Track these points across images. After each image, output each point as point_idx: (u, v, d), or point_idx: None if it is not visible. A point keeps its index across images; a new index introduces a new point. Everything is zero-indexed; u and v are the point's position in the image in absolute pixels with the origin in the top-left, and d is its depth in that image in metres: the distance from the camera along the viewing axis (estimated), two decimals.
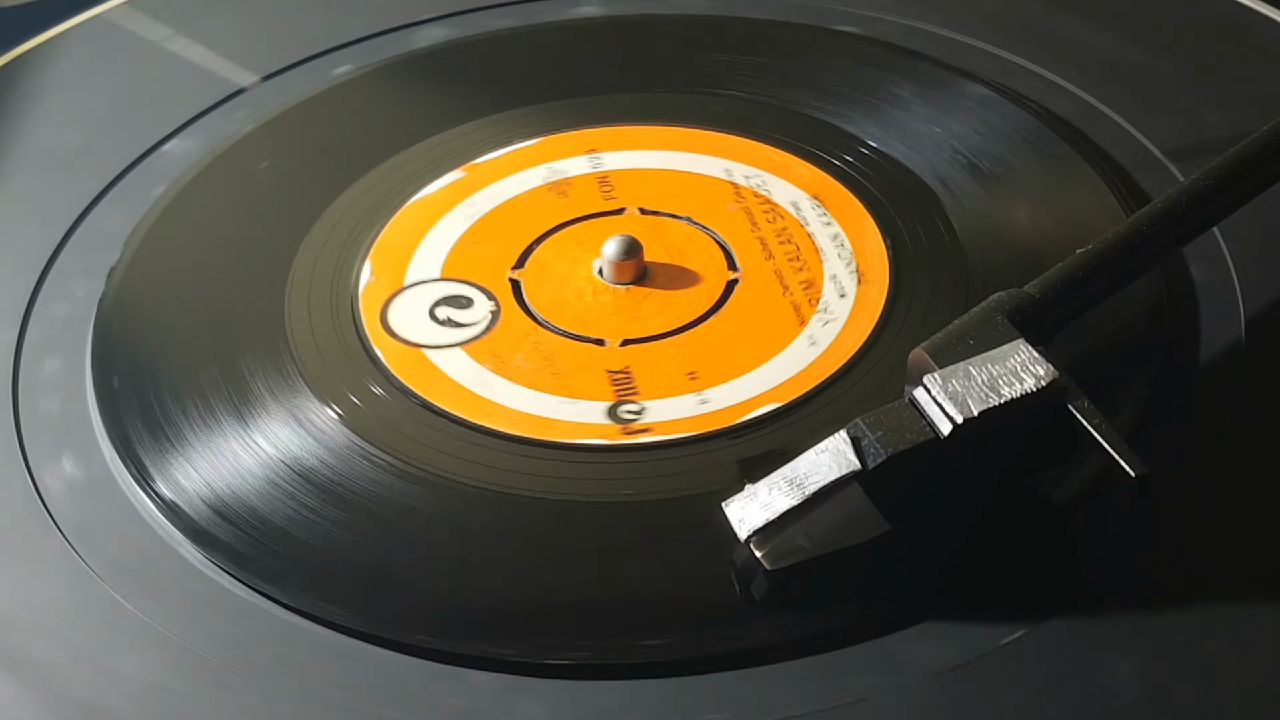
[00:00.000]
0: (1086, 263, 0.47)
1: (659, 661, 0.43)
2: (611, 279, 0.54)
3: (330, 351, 0.51)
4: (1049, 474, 0.45)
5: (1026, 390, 0.42)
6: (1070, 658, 0.42)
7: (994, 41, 0.63)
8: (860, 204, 0.56)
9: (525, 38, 0.65)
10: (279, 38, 0.66)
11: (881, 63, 0.62)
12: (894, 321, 0.51)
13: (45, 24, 0.67)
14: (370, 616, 0.44)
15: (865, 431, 0.43)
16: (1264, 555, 0.44)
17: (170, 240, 0.56)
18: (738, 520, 0.43)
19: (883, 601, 0.43)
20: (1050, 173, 0.56)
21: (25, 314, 0.54)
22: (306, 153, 0.60)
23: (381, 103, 0.62)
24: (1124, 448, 0.42)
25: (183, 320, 0.53)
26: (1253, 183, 0.50)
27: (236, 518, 0.46)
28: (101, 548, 0.46)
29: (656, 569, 0.45)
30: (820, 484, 0.42)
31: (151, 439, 0.49)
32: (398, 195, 0.57)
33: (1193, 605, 0.43)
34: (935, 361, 0.43)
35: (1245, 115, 0.55)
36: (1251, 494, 0.46)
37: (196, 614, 0.44)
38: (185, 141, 0.61)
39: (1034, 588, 0.44)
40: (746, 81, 0.61)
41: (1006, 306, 0.45)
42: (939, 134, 0.58)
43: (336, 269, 0.55)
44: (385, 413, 0.49)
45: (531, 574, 0.45)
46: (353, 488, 0.47)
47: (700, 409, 0.49)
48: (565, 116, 0.60)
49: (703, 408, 0.49)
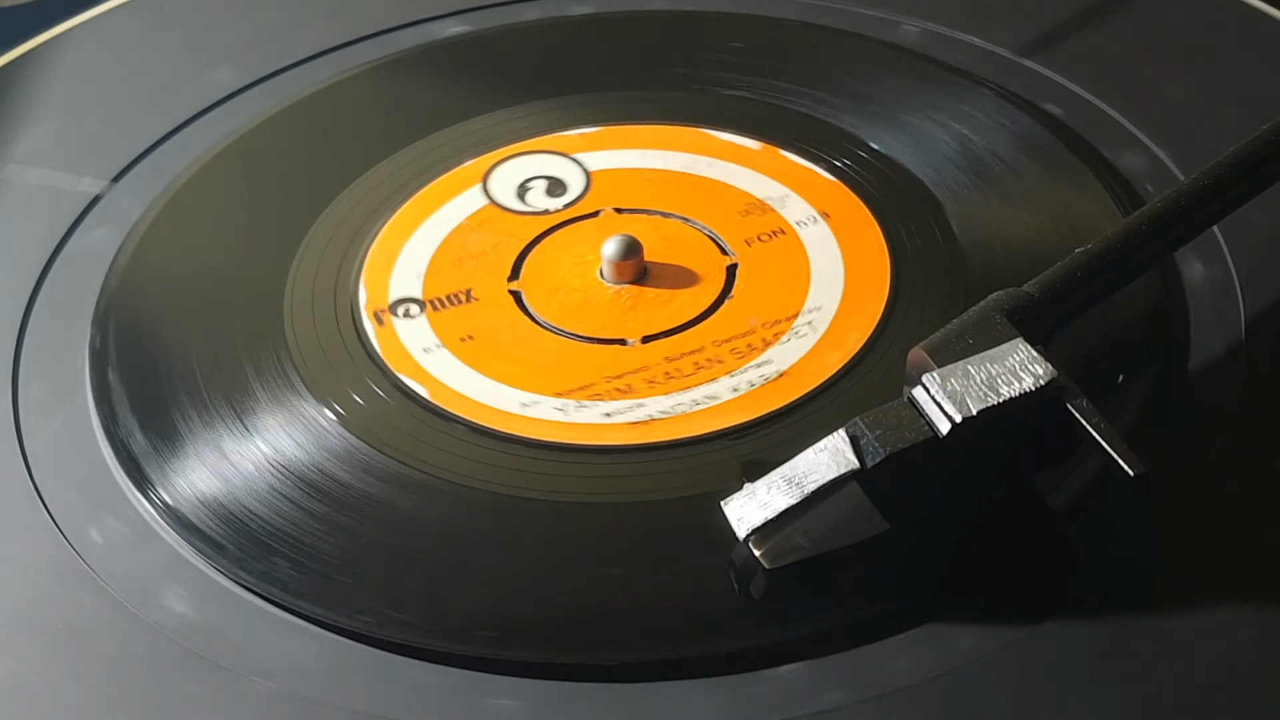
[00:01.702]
0: (1085, 262, 0.47)
1: (658, 662, 0.43)
2: (612, 279, 0.53)
3: (331, 351, 0.51)
4: (1048, 474, 0.45)
5: (1025, 389, 0.42)
6: (1070, 659, 0.42)
7: (994, 41, 0.63)
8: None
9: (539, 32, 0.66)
10: (279, 37, 0.66)
11: (881, 63, 0.62)
12: (894, 321, 0.51)
13: (45, 24, 0.67)
14: (371, 617, 0.44)
15: (864, 430, 0.42)
16: (1264, 555, 0.44)
17: (170, 239, 0.56)
18: (736, 519, 0.43)
19: (882, 601, 0.43)
20: (1050, 173, 0.56)
21: (25, 313, 0.54)
22: (307, 152, 0.60)
23: (383, 99, 0.62)
24: (1123, 447, 0.42)
25: (182, 319, 0.53)
26: (1253, 183, 0.50)
27: (235, 518, 0.46)
28: (100, 548, 0.46)
29: (656, 569, 0.45)
30: (819, 483, 0.42)
31: (149, 439, 0.49)
32: (396, 196, 0.57)
33: (1192, 605, 0.43)
34: (934, 360, 0.43)
35: (1245, 115, 0.55)
36: (1251, 494, 0.46)
37: (195, 614, 0.44)
38: (185, 141, 0.61)
39: (1033, 588, 0.44)
40: (745, 81, 0.61)
41: (1005, 306, 0.45)
42: (939, 134, 0.58)
43: (337, 269, 0.55)
44: (385, 413, 0.49)
45: (531, 575, 0.45)
46: (352, 488, 0.47)
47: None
48: (545, 117, 0.61)
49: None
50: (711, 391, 0.50)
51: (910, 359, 0.44)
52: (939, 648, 0.42)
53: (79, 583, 0.45)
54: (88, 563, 0.46)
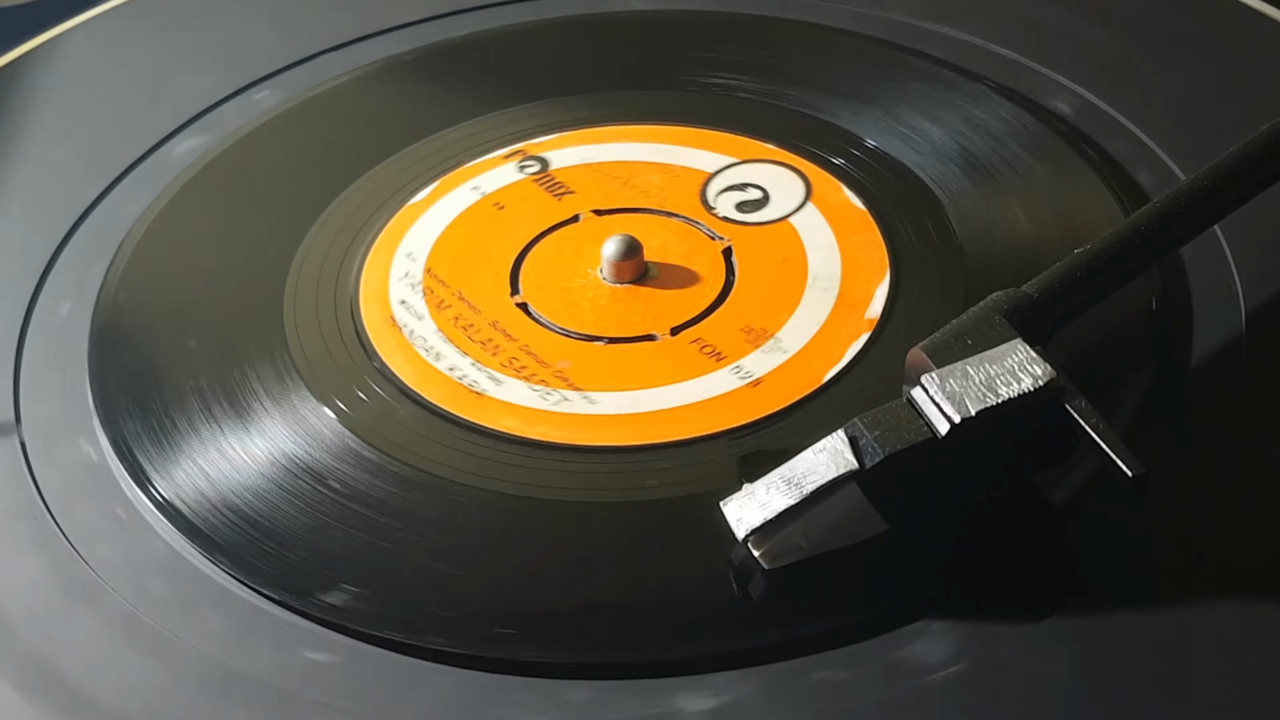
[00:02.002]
0: (1085, 262, 0.47)
1: (656, 662, 0.43)
2: (612, 279, 0.53)
3: (333, 350, 0.52)
4: (1048, 474, 0.45)
5: (1024, 390, 0.42)
6: (1069, 658, 0.42)
7: (994, 39, 0.63)
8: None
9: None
10: (279, 37, 0.66)
11: (880, 60, 0.62)
12: (894, 321, 0.51)
13: (45, 24, 0.67)
14: (371, 619, 0.44)
15: (863, 431, 0.43)
16: (1264, 554, 0.44)
17: (170, 240, 0.56)
18: (735, 519, 0.43)
19: (881, 601, 0.43)
20: (1050, 172, 0.56)
21: (26, 313, 0.54)
22: (306, 152, 0.60)
23: (384, 101, 0.62)
24: (1121, 447, 0.42)
25: (182, 319, 0.53)
26: (1253, 182, 0.50)
27: (234, 518, 0.46)
28: (100, 548, 0.46)
29: (655, 570, 0.45)
30: (818, 483, 0.42)
31: (149, 439, 0.49)
32: (395, 196, 0.57)
33: (1192, 605, 0.43)
34: (933, 361, 0.43)
35: (1245, 115, 0.55)
36: (1251, 493, 0.46)
37: (194, 614, 0.44)
38: (185, 141, 0.61)
39: (1033, 588, 0.44)
40: (743, 79, 0.61)
41: (1004, 306, 0.45)
42: (938, 133, 0.58)
43: (337, 268, 0.55)
44: (384, 413, 0.49)
45: (530, 575, 0.45)
46: (352, 488, 0.47)
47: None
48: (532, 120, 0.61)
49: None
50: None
51: (909, 359, 0.44)
52: (937, 648, 0.42)
53: (78, 582, 0.45)
54: (88, 562, 0.46)
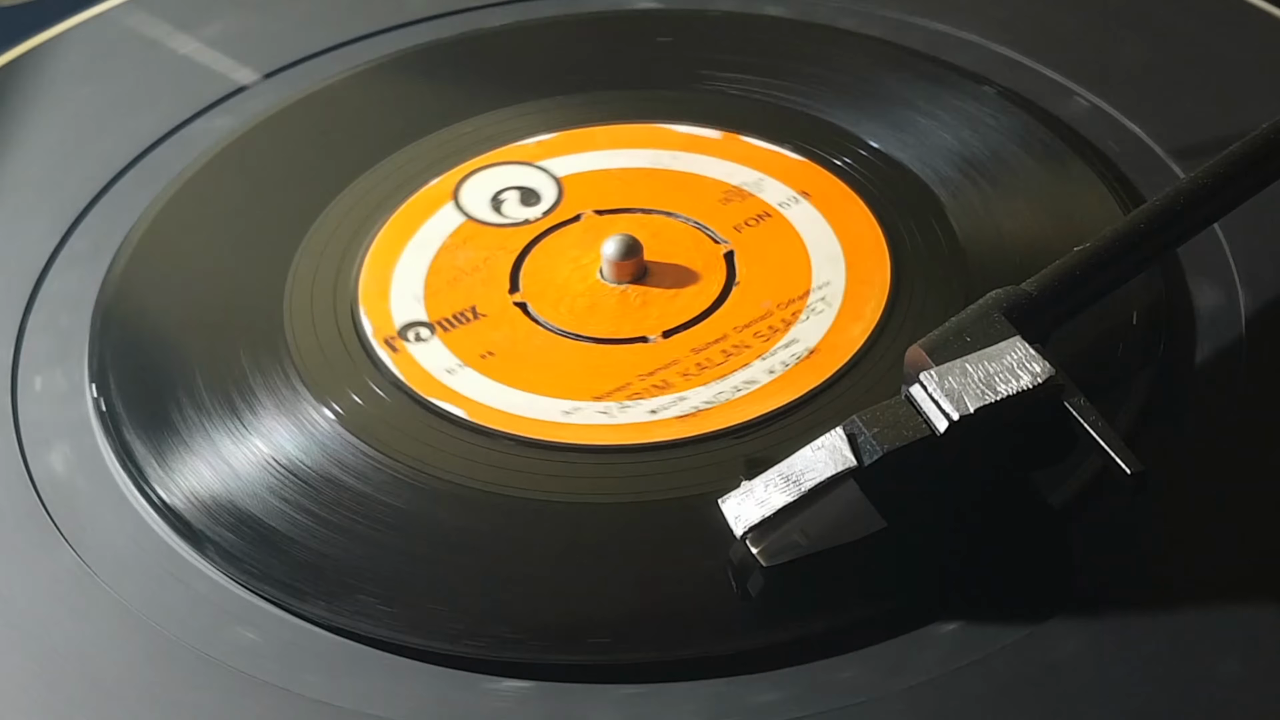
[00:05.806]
0: (1084, 261, 0.47)
1: (655, 662, 0.43)
2: (614, 279, 0.53)
3: (334, 351, 0.52)
4: (1047, 472, 0.45)
5: (1023, 387, 0.42)
6: (1070, 658, 0.42)
7: (994, 39, 0.63)
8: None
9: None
10: (279, 36, 0.66)
11: (881, 60, 0.62)
12: (894, 321, 0.51)
13: (45, 24, 0.67)
14: (371, 618, 0.44)
15: (862, 428, 0.42)
16: (1264, 554, 0.44)
17: (170, 239, 0.56)
18: (733, 517, 0.43)
19: (879, 599, 0.43)
20: (1050, 171, 0.56)
21: (25, 313, 0.54)
22: (307, 151, 0.60)
23: (384, 99, 0.62)
24: (1120, 445, 0.42)
25: (182, 319, 0.53)
26: (1252, 181, 0.50)
27: (233, 519, 0.46)
28: (99, 548, 0.46)
29: (655, 570, 0.45)
30: (816, 480, 0.42)
31: (149, 439, 0.49)
32: (395, 196, 0.57)
33: (1193, 604, 0.43)
34: (932, 359, 0.43)
35: (1245, 115, 0.55)
36: (1251, 493, 0.46)
37: (193, 614, 0.44)
38: (186, 140, 0.61)
39: (1033, 588, 0.44)
40: (743, 79, 0.61)
41: (1004, 304, 0.45)
42: (938, 132, 0.58)
43: (336, 268, 0.55)
44: (384, 413, 0.49)
45: (530, 576, 0.45)
46: (351, 489, 0.47)
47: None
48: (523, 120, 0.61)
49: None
50: (749, 376, 0.49)
51: (908, 357, 0.44)
52: (938, 647, 0.42)
53: (77, 582, 0.45)
54: (87, 562, 0.46)
